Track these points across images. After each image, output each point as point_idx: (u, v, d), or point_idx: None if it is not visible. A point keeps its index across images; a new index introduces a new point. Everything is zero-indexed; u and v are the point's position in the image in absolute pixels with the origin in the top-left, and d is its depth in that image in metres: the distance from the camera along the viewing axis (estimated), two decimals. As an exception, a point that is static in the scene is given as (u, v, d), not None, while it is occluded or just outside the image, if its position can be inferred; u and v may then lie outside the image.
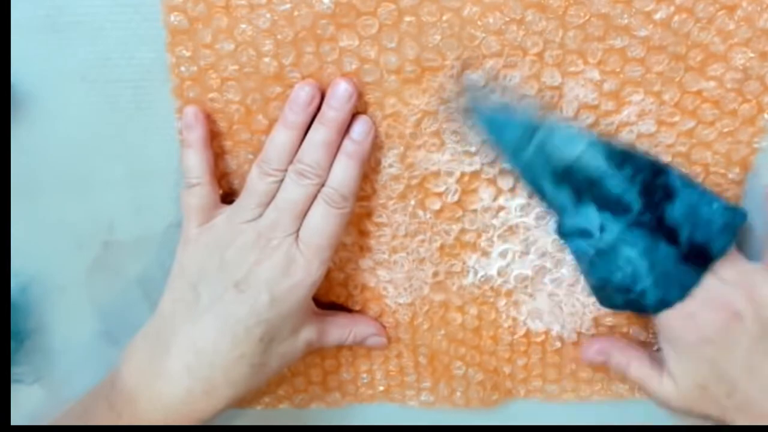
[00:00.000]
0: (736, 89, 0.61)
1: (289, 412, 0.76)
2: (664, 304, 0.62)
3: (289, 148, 0.61)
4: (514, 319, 0.71)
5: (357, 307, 0.71)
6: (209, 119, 0.63)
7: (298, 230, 0.61)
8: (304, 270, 0.61)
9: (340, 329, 0.68)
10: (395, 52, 0.60)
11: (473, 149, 0.64)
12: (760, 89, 0.61)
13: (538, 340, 0.72)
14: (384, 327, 0.71)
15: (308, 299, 0.64)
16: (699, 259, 0.61)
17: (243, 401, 0.68)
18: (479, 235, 0.67)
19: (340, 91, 0.60)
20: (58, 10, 0.60)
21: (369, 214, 0.67)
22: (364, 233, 0.68)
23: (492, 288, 0.70)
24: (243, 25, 0.59)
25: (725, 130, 0.63)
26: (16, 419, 0.73)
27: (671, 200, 0.61)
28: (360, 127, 0.62)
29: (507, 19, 0.59)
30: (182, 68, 0.61)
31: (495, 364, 0.73)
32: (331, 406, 0.76)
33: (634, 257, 0.61)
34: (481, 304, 0.70)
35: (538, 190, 0.63)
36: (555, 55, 0.60)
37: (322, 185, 0.61)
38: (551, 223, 0.66)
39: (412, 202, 0.66)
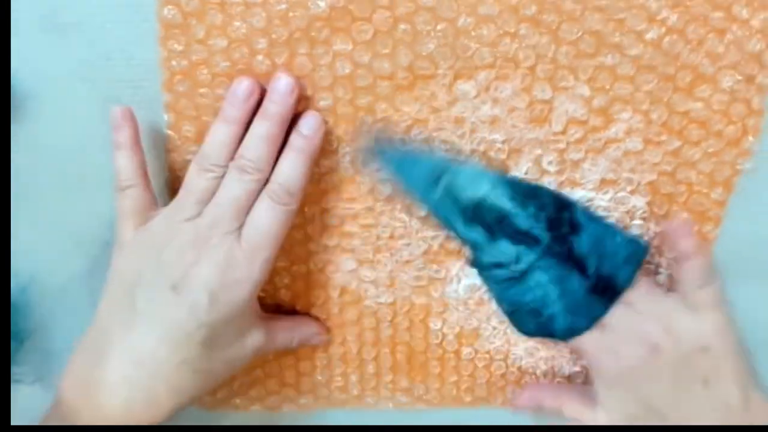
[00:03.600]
0: (722, 111, 0.58)
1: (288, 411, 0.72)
2: (573, 331, 0.59)
3: (229, 143, 0.55)
4: (495, 328, 0.67)
5: (335, 309, 0.67)
6: (199, 113, 0.59)
7: (239, 228, 0.55)
8: (246, 269, 0.55)
9: (286, 333, 0.63)
10: (388, 58, 0.56)
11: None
12: (745, 112, 0.58)
13: (518, 351, 0.68)
14: (326, 327, 0.67)
15: (251, 300, 0.57)
16: (607, 290, 0.58)
17: (214, 403, 0.65)
18: (463, 246, 0.63)
19: (281, 86, 0.55)
20: (58, 10, 0.56)
21: (354, 217, 0.63)
22: (347, 235, 0.64)
23: (474, 297, 0.66)
24: (237, 23, 0.55)
25: (710, 150, 0.59)
26: (16, 419, 0.68)
27: (578, 233, 0.58)
28: (310, 121, 0.57)
29: (501, 31, 0.55)
30: (173, 62, 0.57)
31: (471, 370, 0.69)
32: (302, 410, 0.72)
33: (544, 282, 0.58)
34: (462, 312, 0.66)
35: (451, 229, 0.60)
36: (546, 69, 0.57)
37: (265, 182, 0.56)
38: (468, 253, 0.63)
39: (399, 206, 0.62)
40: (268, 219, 0.55)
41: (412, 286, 0.65)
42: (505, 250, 0.58)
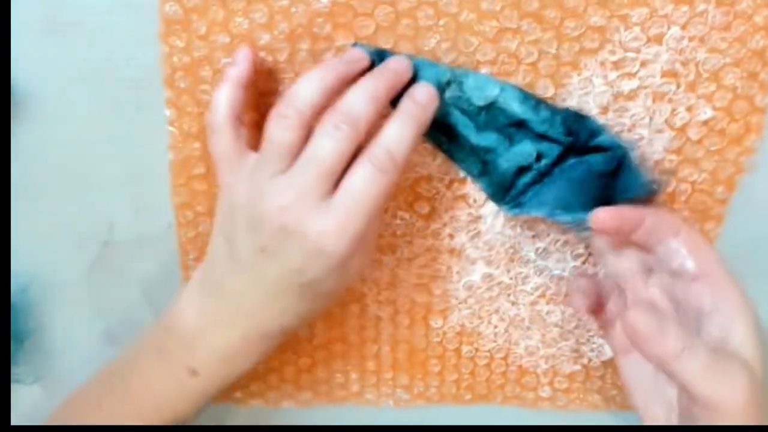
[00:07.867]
0: (725, 108, 0.56)
1: (294, 410, 0.71)
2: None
3: (319, 91, 0.49)
4: (496, 326, 0.65)
5: (336, 308, 0.66)
6: (201, 109, 0.57)
7: (330, 194, 0.49)
8: (335, 243, 0.49)
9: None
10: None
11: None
12: (748, 109, 0.56)
13: (518, 350, 0.66)
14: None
15: (350, 262, 0.51)
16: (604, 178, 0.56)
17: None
18: (465, 241, 0.62)
19: (398, 63, 0.52)
20: (58, 10, 0.55)
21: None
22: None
23: (475, 294, 0.64)
24: (239, 19, 0.54)
25: (713, 148, 0.58)
26: (16, 419, 0.68)
27: (597, 136, 0.55)
28: (425, 90, 0.52)
29: (503, 27, 0.54)
30: (174, 58, 0.56)
31: (472, 368, 0.67)
32: (302, 406, 0.70)
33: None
34: (463, 310, 0.65)
35: (462, 143, 0.56)
36: (549, 66, 0.55)
37: (359, 147, 0.49)
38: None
39: (401, 204, 0.61)
40: (365, 187, 0.48)
41: (413, 284, 0.64)
42: (524, 150, 0.54)
